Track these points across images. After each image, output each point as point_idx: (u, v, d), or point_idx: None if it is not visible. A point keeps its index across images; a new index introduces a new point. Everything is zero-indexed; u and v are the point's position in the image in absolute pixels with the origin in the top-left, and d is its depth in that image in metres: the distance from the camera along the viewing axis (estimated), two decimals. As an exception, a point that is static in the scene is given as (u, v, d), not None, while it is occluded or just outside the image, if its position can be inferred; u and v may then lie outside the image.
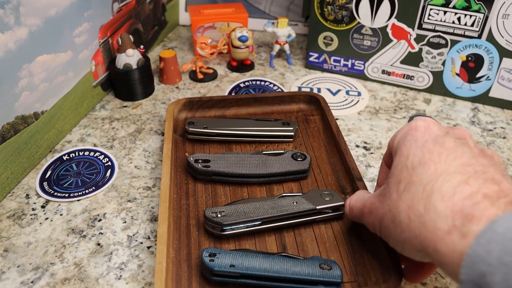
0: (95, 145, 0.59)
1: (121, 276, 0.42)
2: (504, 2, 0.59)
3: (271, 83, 0.73)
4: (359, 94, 0.70)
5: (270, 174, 0.50)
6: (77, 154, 0.57)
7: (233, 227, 0.43)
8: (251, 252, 0.40)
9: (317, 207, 0.44)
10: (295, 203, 0.44)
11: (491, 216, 0.27)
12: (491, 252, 0.25)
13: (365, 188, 0.47)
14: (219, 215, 0.43)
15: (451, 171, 0.30)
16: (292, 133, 0.56)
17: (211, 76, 0.74)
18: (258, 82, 0.73)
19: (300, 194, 0.46)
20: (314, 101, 0.62)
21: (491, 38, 0.62)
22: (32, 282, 0.41)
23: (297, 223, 0.45)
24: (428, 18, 0.64)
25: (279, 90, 0.71)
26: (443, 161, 0.31)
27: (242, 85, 0.73)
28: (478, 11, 0.61)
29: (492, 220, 0.27)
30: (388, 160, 0.40)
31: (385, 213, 0.33)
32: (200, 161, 0.50)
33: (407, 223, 0.31)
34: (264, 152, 0.52)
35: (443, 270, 0.29)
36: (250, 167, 0.50)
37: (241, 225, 0.43)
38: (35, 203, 0.50)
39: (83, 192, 0.51)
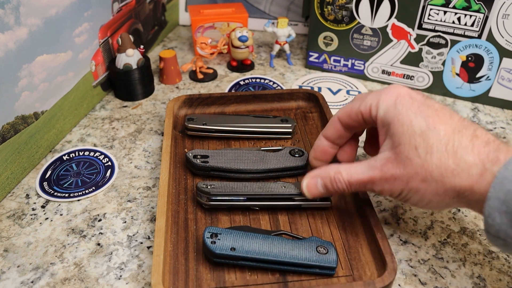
0: (95, 145, 0.59)
1: (121, 276, 0.42)
2: (504, 2, 0.59)
3: (270, 80, 0.73)
4: (360, 93, 0.70)
5: (267, 170, 0.50)
6: (77, 154, 0.57)
7: (219, 198, 0.45)
8: (251, 232, 0.42)
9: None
10: (283, 187, 0.46)
11: None
12: None
13: None
14: (208, 187, 0.46)
15: (458, 127, 0.36)
16: (290, 130, 0.56)
17: (211, 76, 0.74)
18: (258, 80, 0.73)
19: (293, 182, 0.47)
20: (313, 99, 0.62)
21: (491, 38, 0.62)
22: (32, 282, 0.42)
23: (281, 205, 0.46)
24: (428, 18, 0.64)
25: (279, 87, 0.71)
26: (445, 120, 0.37)
27: (242, 82, 0.73)
28: (478, 11, 0.61)
29: None
30: (352, 123, 0.43)
31: (410, 177, 0.37)
32: (198, 156, 0.50)
33: (441, 179, 0.35)
34: (262, 149, 0.53)
35: (472, 207, 0.36)
36: (248, 163, 0.50)
37: (226, 197, 0.45)
38: (35, 203, 0.50)
39: (83, 192, 0.51)
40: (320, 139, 0.46)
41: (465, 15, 0.62)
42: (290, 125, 0.56)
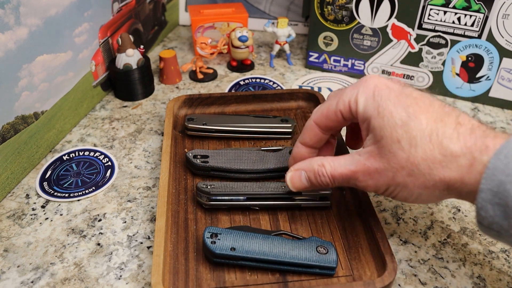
0: (95, 145, 0.59)
1: (121, 276, 0.42)
2: (504, 2, 0.59)
3: (270, 80, 0.73)
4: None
5: (267, 170, 0.50)
6: (77, 154, 0.57)
7: (219, 198, 0.45)
8: (251, 232, 0.42)
9: (303, 192, 0.45)
10: (283, 187, 0.46)
11: (501, 141, 0.32)
12: (509, 164, 0.30)
13: None
14: (208, 187, 0.46)
15: (440, 116, 0.35)
16: (291, 130, 0.56)
17: (211, 76, 0.74)
18: (258, 80, 0.73)
19: None
20: (313, 99, 0.62)
21: (491, 38, 0.62)
22: (32, 282, 0.42)
23: (281, 205, 0.46)
24: (428, 18, 0.64)
25: (279, 88, 0.71)
26: (426, 109, 0.35)
27: (242, 82, 0.73)
28: (478, 11, 0.61)
29: (506, 140, 0.32)
30: (330, 124, 0.41)
31: (396, 171, 0.35)
32: (198, 156, 0.50)
33: (429, 172, 0.34)
34: (262, 149, 0.53)
35: (463, 198, 0.35)
36: (248, 163, 0.50)
37: (226, 197, 0.45)
38: (35, 203, 0.50)
39: (83, 192, 0.51)
40: (298, 147, 0.44)
41: (465, 15, 0.62)
42: (290, 125, 0.56)
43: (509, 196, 0.30)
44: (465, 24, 0.63)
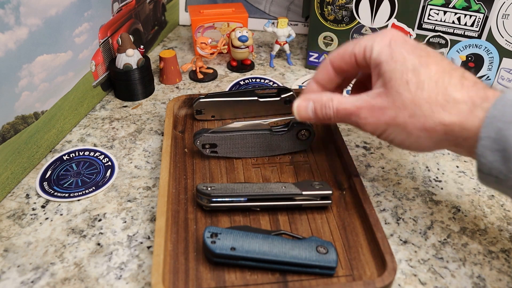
0: (95, 145, 0.59)
1: (121, 276, 0.42)
2: (504, 2, 0.59)
3: (270, 80, 0.73)
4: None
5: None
6: (77, 154, 0.57)
7: (219, 199, 0.45)
8: (251, 232, 0.41)
9: (303, 192, 0.45)
10: (283, 188, 0.46)
11: (499, 94, 0.35)
12: (506, 112, 0.33)
13: (362, 186, 0.47)
14: (209, 189, 0.45)
15: (448, 69, 0.37)
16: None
17: (211, 76, 0.74)
18: (258, 80, 0.73)
19: (293, 182, 0.47)
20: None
21: (491, 38, 0.62)
22: (32, 282, 0.42)
23: (282, 206, 0.46)
24: (428, 18, 0.64)
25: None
26: (436, 61, 0.38)
27: (242, 82, 0.73)
28: (478, 11, 0.61)
29: (503, 93, 0.35)
30: (344, 66, 0.43)
31: (398, 111, 0.37)
32: (207, 146, 0.52)
33: (430, 113, 0.36)
34: (272, 127, 0.52)
35: (459, 146, 0.37)
36: (259, 150, 0.53)
37: (227, 199, 0.45)
38: (35, 203, 0.50)
39: (83, 192, 0.51)
40: (311, 83, 0.46)
41: (465, 15, 0.62)
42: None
43: (507, 141, 0.33)
44: (465, 24, 0.63)
